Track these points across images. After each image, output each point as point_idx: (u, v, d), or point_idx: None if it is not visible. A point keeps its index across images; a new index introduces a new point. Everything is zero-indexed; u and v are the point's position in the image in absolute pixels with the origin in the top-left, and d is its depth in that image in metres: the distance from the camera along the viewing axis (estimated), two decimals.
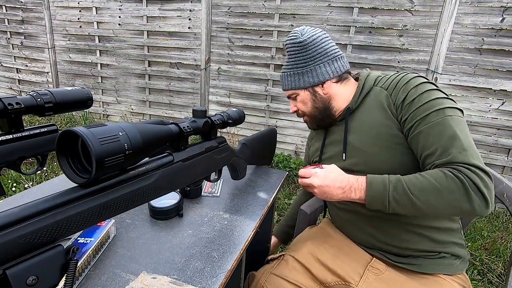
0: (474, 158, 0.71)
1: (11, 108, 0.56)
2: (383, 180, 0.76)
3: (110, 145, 0.41)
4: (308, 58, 0.91)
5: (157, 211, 0.80)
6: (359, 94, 0.91)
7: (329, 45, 0.92)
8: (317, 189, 0.82)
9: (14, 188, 2.26)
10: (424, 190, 0.72)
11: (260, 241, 1.16)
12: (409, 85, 0.82)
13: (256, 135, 1.07)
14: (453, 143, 0.73)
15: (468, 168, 0.70)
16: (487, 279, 1.72)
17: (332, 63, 0.92)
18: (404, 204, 0.73)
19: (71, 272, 0.40)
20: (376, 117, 0.86)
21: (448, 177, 0.70)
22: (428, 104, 0.77)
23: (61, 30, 3.71)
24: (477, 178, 0.69)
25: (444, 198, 0.70)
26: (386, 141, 0.84)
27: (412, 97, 0.80)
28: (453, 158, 0.72)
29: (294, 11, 2.79)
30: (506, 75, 2.40)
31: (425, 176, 0.73)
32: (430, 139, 0.75)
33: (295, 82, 0.95)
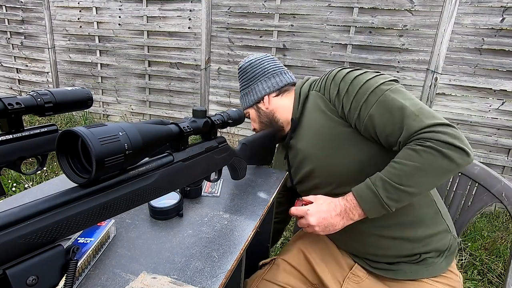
0: (429, 119, 0.71)
1: (11, 108, 0.56)
2: (368, 187, 0.75)
3: (110, 145, 0.41)
4: (248, 79, 1.02)
5: (157, 211, 0.80)
6: (298, 103, 0.94)
7: (268, 65, 1.00)
8: (317, 227, 0.80)
9: (14, 188, 2.26)
10: (408, 176, 0.71)
11: (260, 241, 1.16)
12: (336, 79, 0.83)
13: (256, 135, 1.07)
14: (404, 114, 0.73)
15: (429, 131, 0.70)
16: (487, 279, 1.72)
17: (269, 79, 1.00)
18: (400, 197, 0.73)
19: (71, 272, 0.40)
20: (317, 120, 0.88)
21: (419, 151, 0.70)
22: (363, 88, 0.78)
23: (61, 30, 3.72)
24: (442, 135, 0.69)
25: (429, 172, 0.70)
26: (334, 141, 0.84)
27: (344, 88, 0.81)
28: (411, 128, 0.72)
29: (294, 11, 2.79)
30: (506, 75, 2.40)
31: (400, 161, 0.73)
32: (382, 119, 0.76)
33: (244, 103, 1.05)
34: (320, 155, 0.87)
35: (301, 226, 0.85)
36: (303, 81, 0.98)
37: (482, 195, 1.02)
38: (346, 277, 0.87)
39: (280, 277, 0.89)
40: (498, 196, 0.96)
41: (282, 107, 0.99)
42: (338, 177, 0.86)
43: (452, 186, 1.12)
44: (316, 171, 0.90)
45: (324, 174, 0.88)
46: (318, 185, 0.92)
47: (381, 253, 0.85)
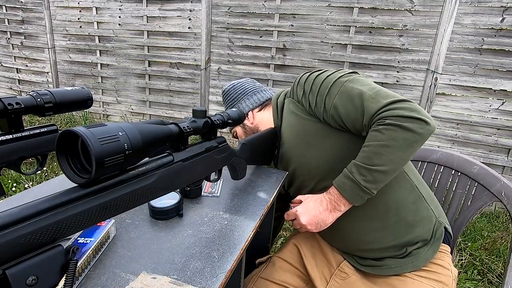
0: (384, 98, 0.76)
1: (11, 108, 0.56)
2: (345, 175, 0.79)
3: (110, 145, 0.41)
4: (232, 100, 1.10)
5: (157, 211, 0.80)
6: (276, 113, 1.02)
7: (247, 85, 1.09)
8: (309, 225, 0.83)
9: (14, 188, 2.26)
10: (377, 155, 0.75)
11: (260, 241, 1.16)
12: (301, 82, 0.90)
13: (256, 135, 1.07)
14: (362, 98, 0.78)
15: (386, 110, 0.74)
16: (487, 279, 1.72)
17: (251, 97, 1.08)
18: (376, 178, 0.76)
19: (71, 272, 0.40)
20: (292, 122, 0.95)
21: (381, 130, 0.74)
22: (324, 83, 0.84)
23: (61, 30, 3.72)
24: (398, 111, 0.73)
25: (395, 147, 0.74)
26: (307, 138, 0.90)
27: (308, 88, 0.88)
28: (370, 110, 0.77)
29: (294, 11, 2.79)
30: (506, 75, 2.40)
31: (367, 144, 0.77)
32: (345, 107, 0.81)
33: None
34: (298, 154, 0.93)
35: (295, 227, 0.88)
36: (278, 93, 1.05)
37: (482, 194, 1.02)
38: (333, 274, 0.90)
39: (276, 275, 0.90)
40: (497, 195, 0.96)
41: (265, 120, 1.06)
42: (318, 171, 0.90)
43: (452, 186, 1.12)
44: (298, 169, 0.95)
45: (305, 172, 0.93)
46: (303, 184, 0.97)
47: (368, 247, 0.87)
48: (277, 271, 0.92)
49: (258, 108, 1.07)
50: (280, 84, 3.01)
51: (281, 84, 3.00)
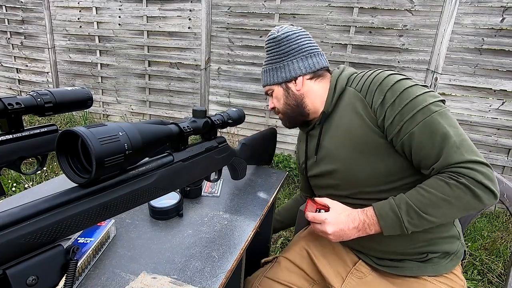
0: (468, 153, 0.70)
1: (11, 108, 0.56)
2: (391, 208, 0.74)
3: (110, 145, 0.41)
4: (282, 53, 0.91)
5: (157, 211, 0.80)
6: (332, 96, 0.88)
7: (304, 42, 0.91)
8: (332, 235, 0.79)
9: (14, 188, 2.26)
10: (434, 206, 0.71)
11: (260, 241, 1.16)
12: (384, 86, 0.78)
13: (256, 135, 1.07)
14: (445, 142, 0.71)
15: (466, 167, 0.69)
16: (487, 279, 1.72)
17: (306, 59, 0.90)
18: (421, 224, 0.73)
19: (71, 272, 0.40)
20: (351, 122, 0.83)
21: (451, 185, 0.69)
22: (411, 103, 0.74)
23: (61, 30, 3.71)
24: (477, 175, 0.68)
25: (456, 206, 0.70)
26: (365, 149, 0.81)
27: (391, 99, 0.76)
28: (449, 159, 0.70)
29: (294, 11, 2.79)
30: (506, 75, 2.40)
31: (429, 190, 0.72)
32: (422, 141, 0.73)
33: (270, 78, 0.94)
34: (347, 159, 0.84)
35: (315, 231, 0.84)
36: (340, 71, 0.91)
37: None
38: (349, 273, 0.87)
39: (281, 275, 0.89)
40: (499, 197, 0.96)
41: (314, 94, 0.91)
42: (361, 185, 0.84)
43: None
44: (338, 173, 0.87)
45: (346, 179, 0.85)
46: (335, 186, 0.90)
47: (388, 249, 0.85)
48: (282, 272, 0.91)
49: (310, 75, 0.91)
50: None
51: None
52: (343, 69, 0.92)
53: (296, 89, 0.91)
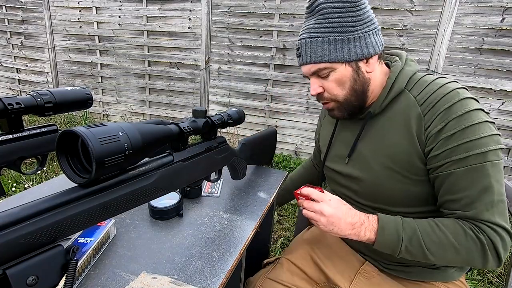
0: (500, 216, 0.65)
1: (11, 108, 0.56)
2: (396, 228, 0.69)
3: (110, 145, 0.41)
4: (357, 20, 0.69)
5: (157, 211, 0.80)
6: (386, 95, 0.74)
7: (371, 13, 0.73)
8: (325, 218, 0.71)
9: (14, 188, 2.26)
10: (440, 246, 0.66)
11: (260, 241, 1.16)
12: (451, 113, 0.65)
13: (256, 135, 1.07)
14: (483, 197, 0.64)
15: (491, 228, 0.64)
16: (487, 279, 1.72)
17: (378, 33, 0.73)
18: (416, 255, 0.69)
19: (71, 272, 0.40)
20: (398, 135, 0.72)
21: (468, 236, 0.65)
22: (469, 144, 0.64)
23: (61, 30, 3.72)
24: (498, 240, 0.64)
25: (461, 257, 0.67)
26: (401, 168, 0.72)
27: (451, 130, 0.65)
28: (478, 214, 0.65)
29: (294, 11, 2.79)
30: (506, 75, 2.40)
31: (443, 230, 0.67)
32: (460, 184, 0.66)
33: (335, 52, 0.70)
34: (379, 174, 0.75)
35: (306, 208, 0.75)
36: (401, 64, 0.75)
37: None
38: (358, 273, 0.85)
39: (284, 277, 0.89)
40: None
41: (376, 80, 0.75)
42: (382, 202, 0.78)
43: None
44: (363, 182, 0.79)
45: (369, 191, 0.79)
46: (354, 191, 0.83)
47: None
48: (285, 273, 0.89)
49: (377, 56, 0.74)
50: (280, 84, 3.01)
51: (281, 84, 3.01)
52: (405, 62, 0.76)
53: (367, 70, 0.73)
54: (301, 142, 3.07)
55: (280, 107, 3.06)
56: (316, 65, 0.73)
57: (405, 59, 0.77)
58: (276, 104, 3.07)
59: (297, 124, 3.04)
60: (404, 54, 0.79)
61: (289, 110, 3.03)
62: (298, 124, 3.03)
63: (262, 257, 1.10)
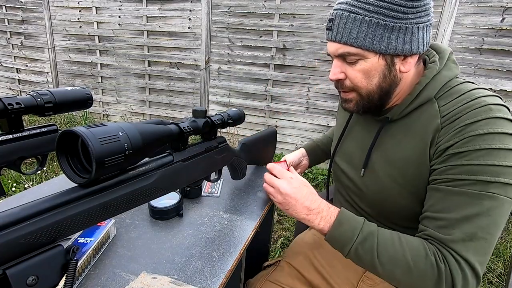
0: (475, 254, 0.55)
1: (11, 108, 0.56)
2: (354, 226, 0.63)
3: (110, 145, 0.41)
4: (412, 7, 0.57)
5: (157, 211, 0.80)
6: (409, 102, 0.65)
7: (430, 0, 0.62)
8: (281, 196, 0.69)
9: (14, 188, 2.26)
10: (393, 261, 0.59)
11: (260, 241, 1.16)
12: (469, 130, 0.56)
13: (256, 135, 1.07)
14: (464, 225, 0.55)
15: (457, 261, 0.55)
16: (487, 279, 1.72)
17: (429, 27, 0.62)
18: (364, 261, 0.62)
19: (71, 272, 0.40)
20: (411, 148, 0.65)
21: (428, 260, 0.57)
22: (478, 168, 0.55)
23: (61, 30, 3.72)
24: (459, 277, 0.55)
25: (411, 278, 0.58)
26: (409, 184, 0.66)
27: (461, 148, 0.56)
28: (450, 241, 0.56)
29: (294, 11, 2.79)
30: (506, 75, 2.40)
31: (403, 245, 0.60)
32: (445, 203, 0.58)
33: (372, 38, 0.60)
34: (387, 187, 0.70)
35: (266, 182, 0.74)
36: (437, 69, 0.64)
37: None
38: (360, 280, 0.82)
39: (284, 280, 0.88)
40: None
41: (406, 81, 0.67)
42: (386, 214, 0.74)
43: None
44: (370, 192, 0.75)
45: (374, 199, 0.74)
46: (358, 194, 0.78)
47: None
48: (285, 277, 0.88)
49: (418, 56, 0.65)
50: (280, 84, 3.01)
51: (281, 84, 3.01)
52: (445, 64, 0.65)
53: (401, 69, 0.64)
54: (301, 142, 3.07)
55: (280, 107, 3.06)
56: (345, 47, 0.62)
57: (445, 60, 0.66)
58: (276, 104, 3.07)
59: (297, 124, 3.04)
60: (447, 51, 0.67)
61: (289, 110, 3.03)
62: (298, 124, 3.03)
63: (262, 257, 1.10)
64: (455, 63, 0.67)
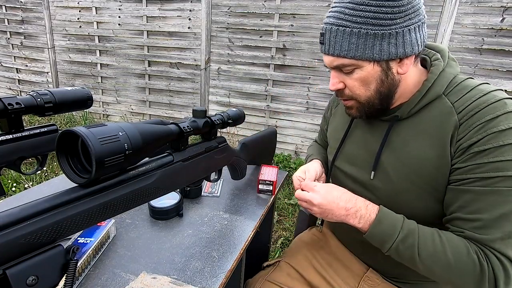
0: None
1: (11, 108, 0.56)
2: (395, 224, 0.63)
3: (110, 145, 0.41)
4: (398, 12, 0.58)
5: (157, 211, 0.80)
6: (418, 99, 0.65)
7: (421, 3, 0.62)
8: (316, 207, 0.69)
9: (14, 188, 2.26)
10: (433, 258, 0.60)
11: (260, 241, 1.16)
12: (491, 126, 0.56)
13: (256, 135, 1.07)
14: (502, 224, 0.56)
15: (499, 259, 0.56)
16: None
17: (422, 26, 0.63)
18: (403, 257, 0.63)
19: (71, 272, 0.40)
20: (426, 146, 0.64)
21: (470, 258, 0.57)
22: (504, 164, 0.55)
23: (61, 30, 3.72)
24: (501, 274, 0.56)
25: (451, 275, 0.59)
26: (425, 183, 0.64)
27: (486, 145, 0.57)
28: (490, 240, 0.57)
29: (294, 11, 2.79)
30: (506, 75, 2.40)
31: (444, 242, 0.60)
32: (478, 205, 0.58)
33: (364, 48, 0.60)
34: (401, 189, 0.68)
35: (298, 199, 0.73)
36: (443, 64, 0.66)
37: None
38: (361, 280, 0.82)
39: (283, 280, 0.87)
40: None
41: (407, 81, 0.66)
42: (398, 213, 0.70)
43: None
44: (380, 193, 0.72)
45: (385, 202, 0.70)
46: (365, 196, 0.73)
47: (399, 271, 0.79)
48: (284, 277, 0.88)
49: (414, 56, 0.64)
50: (280, 84, 3.01)
51: (281, 84, 3.01)
52: (448, 62, 0.67)
53: (399, 71, 0.64)
54: (301, 142, 3.07)
55: (280, 107, 3.06)
56: (339, 60, 0.64)
57: (447, 58, 0.67)
58: (276, 104, 3.07)
59: (297, 124, 3.04)
60: (446, 51, 0.69)
61: (289, 110, 3.03)
62: (298, 124, 3.03)
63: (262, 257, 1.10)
64: (455, 61, 0.69)
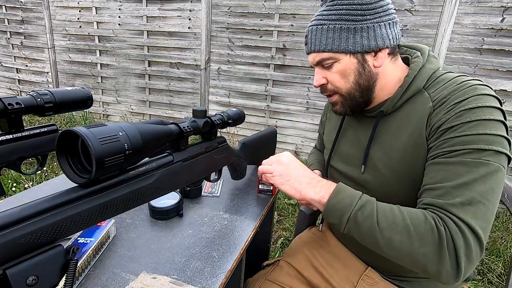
0: (474, 217, 0.54)
1: (11, 108, 0.56)
2: (353, 195, 0.64)
3: (110, 145, 0.41)
4: (368, 9, 0.65)
5: (157, 211, 0.80)
6: (400, 94, 0.69)
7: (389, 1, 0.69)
8: (282, 167, 0.72)
9: (14, 188, 2.26)
10: (392, 226, 0.59)
11: (260, 241, 1.16)
12: (460, 106, 0.60)
13: (256, 135, 1.07)
14: (462, 191, 0.56)
15: (457, 224, 0.54)
16: (487, 279, 1.72)
17: (394, 25, 0.68)
18: (363, 229, 0.61)
19: (71, 272, 0.40)
20: (408, 137, 0.67)
21: (427, 224, 0.56)
22: (470, 138, 0.57)
23: (61, 30, 3.72)
24: (461, 241, 0.54)
25: (412, 244, 0.57)
26: (411, 173, 0.67)
27: (454, 122, 0.59)
28: (448, 205, 0.56)
29: (294, 11, 2.79)
30: (506, 75, 2.40)
31: (402, 211, 0.60)
32: (442, 175, 0.59)
33: (339, 41, 0.67)
34: (389, 179, 0.70)
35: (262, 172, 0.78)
36: (423, 61, 0.70)
37: None
38: (360, 279, 0.83)
39: (283, 279, 0.88)
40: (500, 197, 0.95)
41: (386, 77, 0.71)
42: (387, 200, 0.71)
43: None
44: (372, 188, 0.74)
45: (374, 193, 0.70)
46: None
47: (397, 270, 0.80)
48: (284, 276, 0.88)
49: (390, 50, 0.70)
50: (280, 84, 3.01)
51: (281, 84, 3.01)
52: (427, 58, 0.71)
53: (375, 64, 0.69)
54: (301, 142, 3.07)
55: (280, 107, 3.06)
56: (319, 54, 0.70)
57: (427, 55, 0.71)
58: (276, 104, 3.07)
59: (297, 124, 3.04)
60: (426, 49, 0.73)
61: (289, 110, 3.03)
62: (298, 124, 3.03)
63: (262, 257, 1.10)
64: (435, 57, 0.73)
